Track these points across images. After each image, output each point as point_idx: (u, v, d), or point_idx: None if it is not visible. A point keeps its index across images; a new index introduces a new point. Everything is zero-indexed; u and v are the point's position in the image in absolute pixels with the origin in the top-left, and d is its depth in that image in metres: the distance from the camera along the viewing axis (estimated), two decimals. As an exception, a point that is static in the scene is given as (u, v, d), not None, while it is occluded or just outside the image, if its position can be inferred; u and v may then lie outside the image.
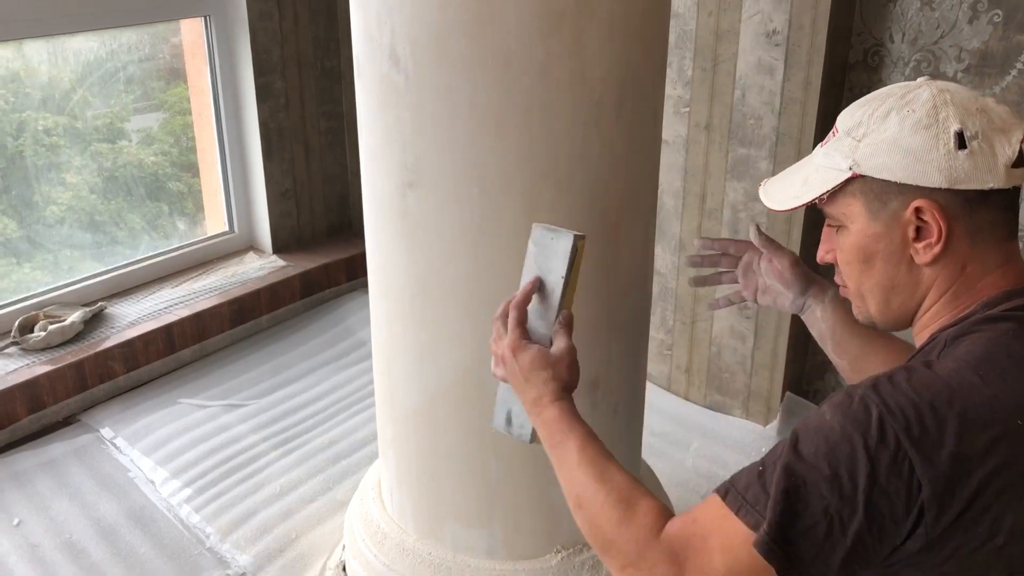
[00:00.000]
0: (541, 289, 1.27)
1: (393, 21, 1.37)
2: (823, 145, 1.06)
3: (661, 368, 2.71)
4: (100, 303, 2.84)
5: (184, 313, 2.86)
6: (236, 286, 3.06)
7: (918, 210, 0.97)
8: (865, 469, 0.87)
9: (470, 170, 1.42)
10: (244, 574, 2.03)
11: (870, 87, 2.19)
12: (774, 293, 1.44)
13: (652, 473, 1.99)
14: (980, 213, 0.97)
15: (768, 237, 1.45)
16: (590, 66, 1.36)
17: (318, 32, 3.23)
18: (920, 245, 0.99)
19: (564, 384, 1.20)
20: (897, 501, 0.87)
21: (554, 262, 1.27)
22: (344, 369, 2.87)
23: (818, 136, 2.14)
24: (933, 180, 0.95)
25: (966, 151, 0.94)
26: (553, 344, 1.22)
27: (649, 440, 2.34)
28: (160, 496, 2.28)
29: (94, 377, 2.65)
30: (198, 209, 3.31)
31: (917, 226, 0.98)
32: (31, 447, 2.47)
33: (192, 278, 3.09)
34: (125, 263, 3.01)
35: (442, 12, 1.32)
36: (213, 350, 2.96)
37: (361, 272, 3.17)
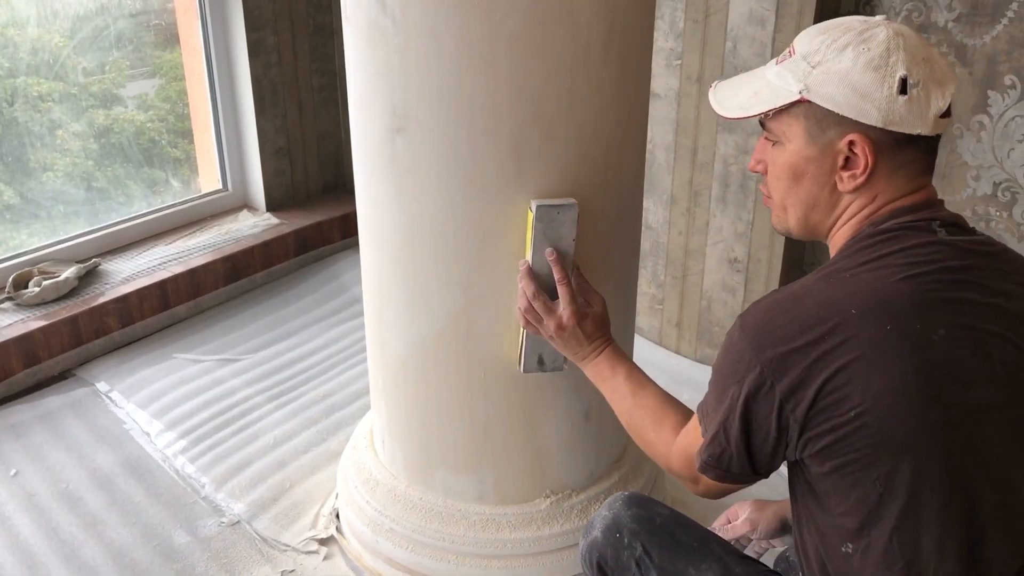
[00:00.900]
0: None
1: (379, -38, 1.36)
2: (778, 63, 1.12)
3: (652, 322, 2.72)
4: (94, 260, 2.85)
5: (178, 270, 2.87)
6: (230, 243, 3.06)
7: (852, 143, 1.06)
8: (734, 380, 1.07)
9: (458, 114, 1.42)
10: (239, 522, 2.05)
11: (862, 38, 2.18)
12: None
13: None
14: (904, 153, 1.07)
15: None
16: (577, 5, 1.36)
17: (310, -13, 3.21)
18: (846, 174, 1.09)
19: (610, 329, 1.48)
20: (761, 402, 1.05)
21: (563, 230, 1.43)
22: (338, 325, 2.88)
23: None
24: (871, 118, 1.04)
25: (906, 97, 1.03)
26: (591, 301, 1.47)
27: (640, 392, 2.35)
28: (155, 447, 2.30)
29: (89, 332, 2.66)
30: (192, 172, 3.31)
31: (847, 156, 1.08)
32: (27, 400, 2.49)
33: (186, 236, 3.09)
34: (118, 220, 3.01)
35: (428, -48, 1.32)
36: (208, 307, 2.97)
37: (355, 230, 3.14)
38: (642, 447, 1.38)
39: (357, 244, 1.76)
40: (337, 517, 2.02)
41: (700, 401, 1.18)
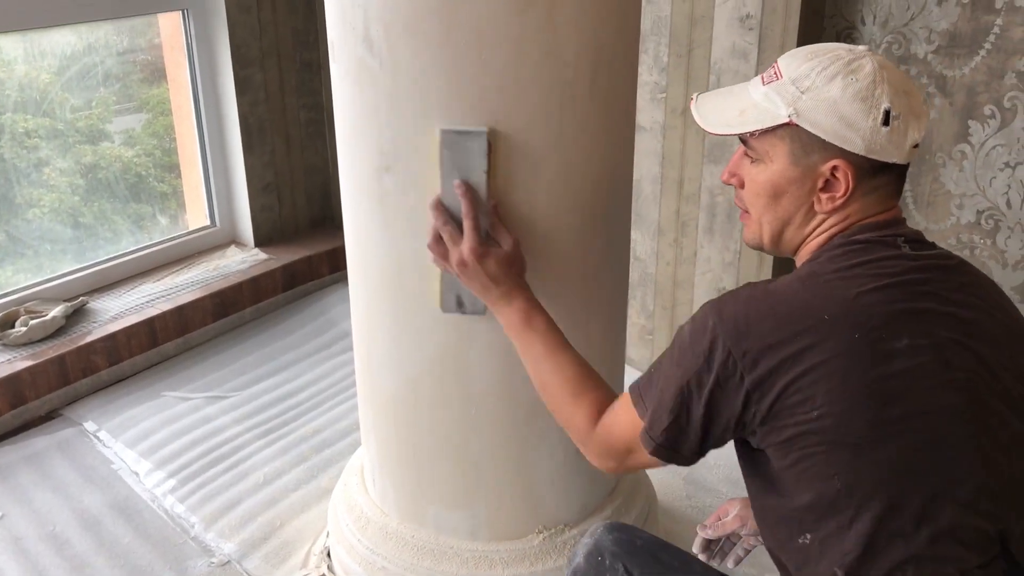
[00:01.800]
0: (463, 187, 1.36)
1: (366, 3, 1.38)
2: (764, 83, 1.16)
3: (643, 352, 2.73)
4: (81, 298, 2.84)
5: (166, 307, 2.86)
6: (218, 279, 3.06)
7: (835, 168, 1.12)
8: (703, 366, 1.09)
9: (446, 152, 1.43)
10: (229, 561, 2.03)
11: (843, 70, 2.21)
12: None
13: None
14: (879, 179, 1.13)
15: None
16: (563, 43, 1.38)
17: (297, 24, 3.23)
18: (825, 196, 1.14)
19: (521, 272, 1.41)
20: (729, 391, 1.08)
21: (473, 160, 1.35)
22: (327, 360, 2.87)
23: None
24: (855, 146, 1.10)
25: (888, 128, 1.09)
26: (500, 240, 1.40)
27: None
28: (144, 487, 2.28)
29: (76, 371, 2.64)
30: (180, 207, 3.31)
31: (827, 179, 1.13)
32: (13, 441, 2.46)
33: (174, 272, 3.09)
34: (106, 258, 3.00)
35: (414, -7, 1.33)
36: (196, 343, 2.95)
37: (343, 264, 3.14)
38: (552, 412, 1.36)
39: (346, 278, 1.76)
40: (328, 555, 2.00)
41: (634, 383, 1.21)
